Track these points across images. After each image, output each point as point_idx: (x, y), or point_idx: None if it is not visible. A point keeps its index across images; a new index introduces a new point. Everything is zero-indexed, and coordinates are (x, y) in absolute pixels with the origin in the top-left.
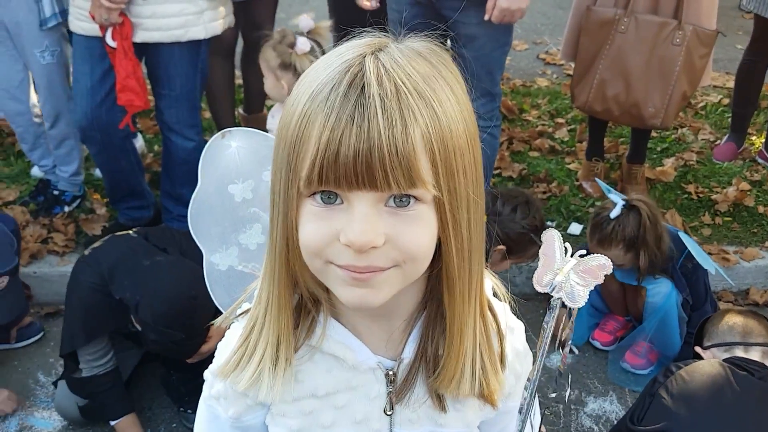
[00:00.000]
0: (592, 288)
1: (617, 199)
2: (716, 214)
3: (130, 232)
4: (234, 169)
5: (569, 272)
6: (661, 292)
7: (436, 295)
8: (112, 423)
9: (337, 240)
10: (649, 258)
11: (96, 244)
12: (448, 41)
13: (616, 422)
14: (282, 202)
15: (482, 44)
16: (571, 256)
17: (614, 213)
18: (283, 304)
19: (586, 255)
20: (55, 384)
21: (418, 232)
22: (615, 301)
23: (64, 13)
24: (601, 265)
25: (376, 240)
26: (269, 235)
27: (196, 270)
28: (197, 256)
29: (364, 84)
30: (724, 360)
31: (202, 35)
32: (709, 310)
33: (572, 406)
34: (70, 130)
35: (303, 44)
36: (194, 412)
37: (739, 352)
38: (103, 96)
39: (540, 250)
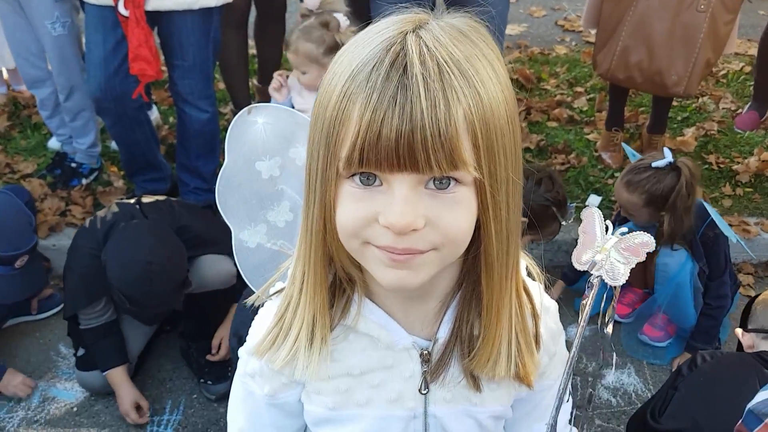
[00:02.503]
0: (633, 266)
1: (668, 154)
2: (737, 185)
3: (132, 200)
4: (260, 146)
5: (610, 250)
6: (672, 261)
7: (471, 277)
8: (103, 373)
9: (376, 221)
10: (671, 226)
11: (99, 212)
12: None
13: (634, 395)
14: (319, 183)
15: (501, 11)
16: (612, 234)
17: (657, 163)
18: (318, 284)
19: (627, 233)
20: (76, 355)
21: (458, 215)
22: (633, 271)
23: None
24: (643, 242)
25: (417, 223)
26: (303, 214)
27: (165, 237)
28: (200, 230)
29: (406, 63)
30: (757, 353)
31: (213, 2)
32: (727, 280)
33: (589, 379)
34: (85, 102)
35: (344, 21)
36: (214, 383)
37: None
38: (116, 66)
39: (579, 228)
